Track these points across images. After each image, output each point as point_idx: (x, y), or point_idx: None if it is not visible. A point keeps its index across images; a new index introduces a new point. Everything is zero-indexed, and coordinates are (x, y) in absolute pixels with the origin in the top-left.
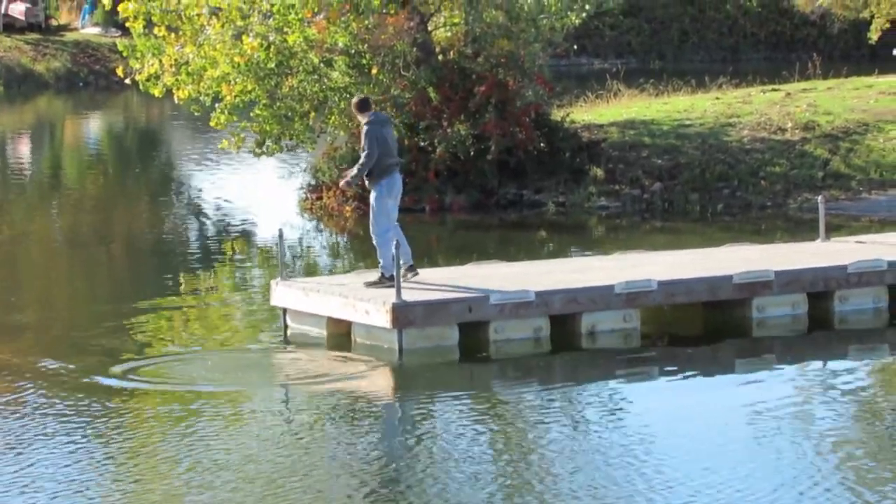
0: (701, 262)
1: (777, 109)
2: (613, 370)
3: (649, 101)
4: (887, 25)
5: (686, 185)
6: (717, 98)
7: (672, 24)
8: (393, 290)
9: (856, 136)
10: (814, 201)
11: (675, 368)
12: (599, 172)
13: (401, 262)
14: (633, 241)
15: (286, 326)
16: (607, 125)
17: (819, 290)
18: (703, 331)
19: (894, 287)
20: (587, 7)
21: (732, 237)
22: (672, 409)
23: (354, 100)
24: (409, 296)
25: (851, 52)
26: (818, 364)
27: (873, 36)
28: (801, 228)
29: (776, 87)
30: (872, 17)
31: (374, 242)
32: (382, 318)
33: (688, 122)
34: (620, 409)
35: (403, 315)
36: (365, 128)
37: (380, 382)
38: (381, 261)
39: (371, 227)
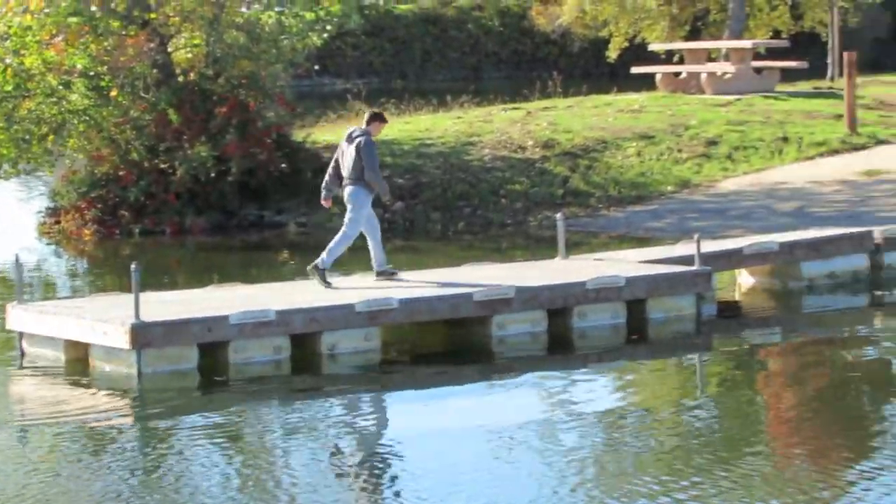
0: (442, 280)
1: (518, 128)
2: (353, 390)
3: (391, 120)
4: (626, 44)
5: (427, 205)
6: (459, 117)
7: (414, 43)
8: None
9: (595, 153)
10: (553, 219)
11: (415, 388)
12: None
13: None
14: None
15: (22, 352)
16: None
17: (558, 306)
18: (445, 349)
19: (632, 303)
20: (328, 28)
21: (474, 255)
22: (412, 429)
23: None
24: (149, 316)
25: (591, 70)
26: (557, 381)
27: (612, 54)
28: (542, 246)
29: (517, 105)
30: (612, 36)
31: (337, 237)
32: (121, 339)
33: (429, 142)
34: (360, 430)
35: (142, 335)
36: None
37: (115, 407)
38: (325, 255)
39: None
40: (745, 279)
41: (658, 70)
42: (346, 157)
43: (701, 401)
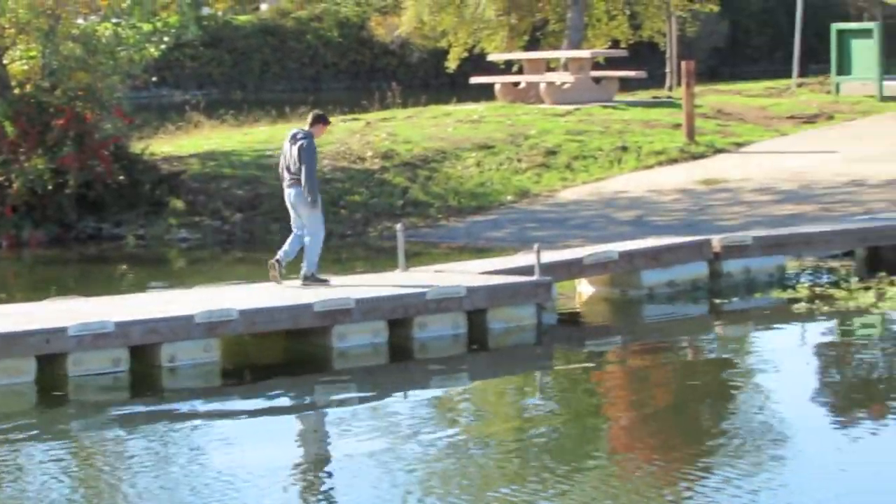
0: (282, 291)
1: (357, 139)
2: (194, 402)
3: (230, 132)
4: (465, 54)
5: (267, 216)
6: None
7: (253, 54)
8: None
9: (434, 164)
10: (393, 229)
11: (255, 399)
12: (180, 204)
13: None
14: (214, 272)
15: None
16: (188, 157)
17: (399, 317)
18: (285, 360)
19: (473, 313)
20: (166, 39)
21: None
22: (250, 443)
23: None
24: None
25: (431, 80)
26: (399, 392)
27: (452, 65)
28: (382, 257)
29: (356, 116)
30: (451, 46)
31: (308, 244)
32: None
33: (269, 153)
34: (199, 446)
35: None
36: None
37: None
38: (306, 264)
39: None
40: (585, 288)
41: (497, 80)
42: (290, 159)
43: (541, 410)
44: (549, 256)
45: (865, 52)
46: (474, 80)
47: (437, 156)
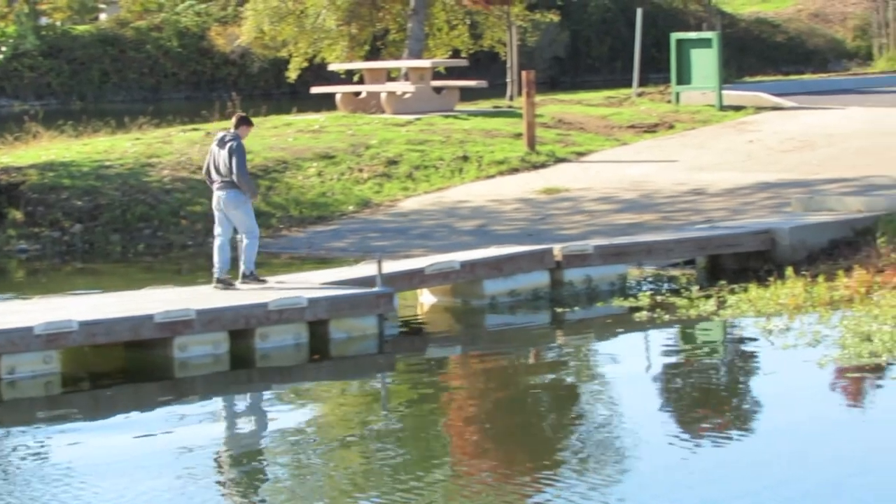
0: (123, 302)
1: (197, 149)
2: (33, 416)
3: (69, 142)
4: (306, 64)
5: (107, 227)
6: (138, 139)
7: (92, 64)
8: None
9: (275, 173)
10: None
11: (96, 412)
12: (18, 215)
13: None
14: (54, 283)
15: None
16: (26, 167)
17: (241, 327)
18: (126, 372)
19: (314, 323)
20: (3, 49)
21: (154, 277)
22: (92, 455)
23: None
24: None
25: (272, 90)
26: (239, 403)
27: (292, 74)
28: None
29: (196, 126)
30: (291, 56)
31: (244, 245)
32: None
33: (108, 164)
34: (40, 456)
35: None
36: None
37: None
38: (243, 264)
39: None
40: (427, 298)
41: (338, 90)
42: (220, 161)
43: (383, 420)
44: (391, 266)
45: (705, 62)
46: (315, 89)
47: (279, 166)
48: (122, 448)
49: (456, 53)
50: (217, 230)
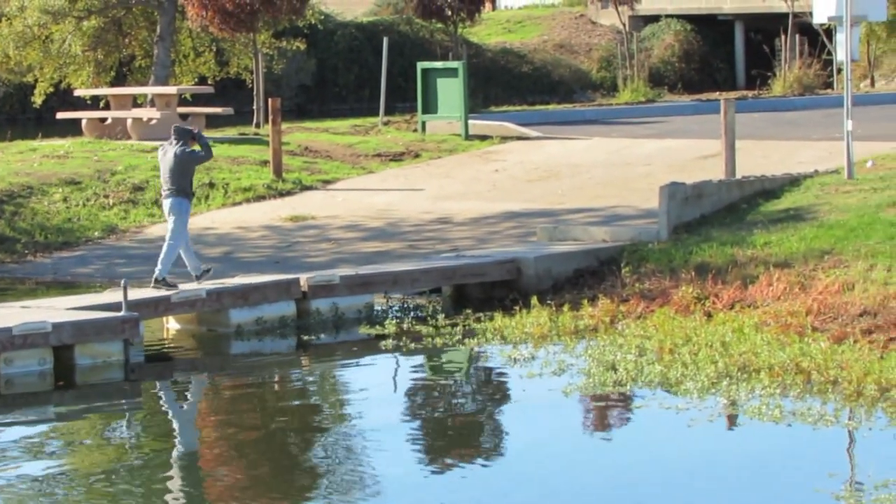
0: None
1: None
2: None
3: None
4: (52, 89)
5: None
6: None
7: None
8: None
9: (20, 199)
10: None
11: None
12: None
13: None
14: None
15: None
16: None
17: None
18: None
19: (60, 349)
20: None
21: None
22: None
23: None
24: None
25: (18, 115)
26: None
27: (38, 100)
28: None
29: None
30: (37, 81)
31: (165, 249)
32: None
33: None
34: None
35: None
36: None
37: None
38: (161, 266)
39: (172, 236)
40: (173, 325)
41: (84, 115)
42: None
43: (127, 446)
44: (137, 293)
45: (451, 91)
46: (61, 115)
47: (24, 191)
48: None
49: (202, 80)
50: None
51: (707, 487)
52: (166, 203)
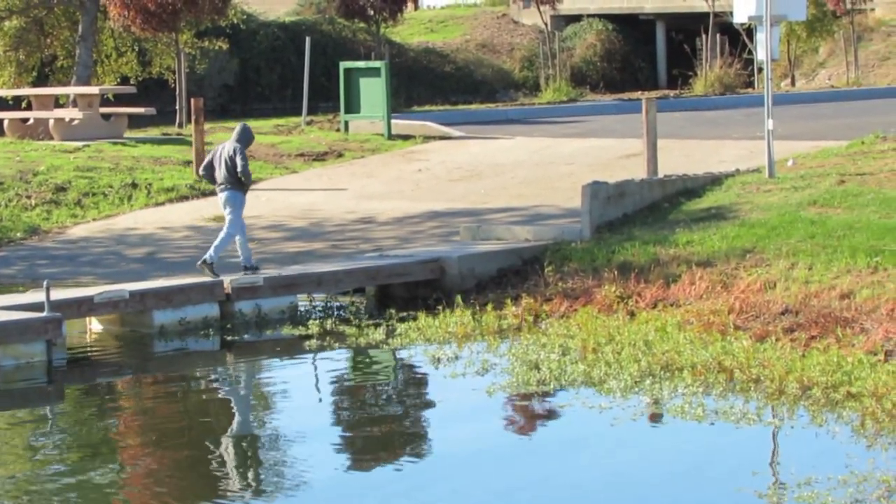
0: None
1: None
2: None
3: None
4: None
5: None
6: None
7: None
8: None
9: None
10: None
11: None
12: None
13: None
14: None
15: None
16: None
17: None
18: None
19: None
20: None
21: None
22: None
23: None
24: None
25: None
26: None
27: None
28: None
29: None
30: None
31: (221, 236)
32: None
33: None
34: None
35: None
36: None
37: None
38: (212, 252)
39: (229, 226)
40: (96, 326)
41: (5, 116)
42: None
43: (52, 448)
44: (60, 294)
45: (373, 91)
46: None
47: None
48: None
49: (125, 80)
50: None
51: (630, 486)
52: (222, 196)
